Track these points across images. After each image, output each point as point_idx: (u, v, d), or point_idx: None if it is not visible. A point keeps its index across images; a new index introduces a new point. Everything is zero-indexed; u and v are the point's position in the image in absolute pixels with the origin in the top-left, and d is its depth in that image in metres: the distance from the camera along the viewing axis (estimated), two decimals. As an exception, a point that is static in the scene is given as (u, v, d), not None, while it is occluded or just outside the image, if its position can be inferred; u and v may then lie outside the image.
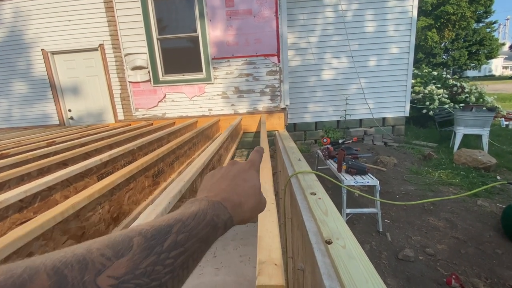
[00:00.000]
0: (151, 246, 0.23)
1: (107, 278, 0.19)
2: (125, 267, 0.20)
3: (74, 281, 0.17)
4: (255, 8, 4.15)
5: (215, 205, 0.33)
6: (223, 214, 0.33)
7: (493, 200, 3.24)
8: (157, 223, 0.25)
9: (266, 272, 0.55)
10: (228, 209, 0.34)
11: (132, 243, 0.22)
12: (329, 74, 5.50)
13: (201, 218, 0.29)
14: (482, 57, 26.14)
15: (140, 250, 0.22)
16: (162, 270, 0.22)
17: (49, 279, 0.17)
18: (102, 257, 0.20)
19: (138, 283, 0.20)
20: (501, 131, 6.69)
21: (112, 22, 4.37)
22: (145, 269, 0.21)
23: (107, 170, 1.91)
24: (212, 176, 0.41)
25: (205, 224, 0.29)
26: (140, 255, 0.21)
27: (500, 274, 2.10)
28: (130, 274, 0.20)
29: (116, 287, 0.19)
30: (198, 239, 0.27)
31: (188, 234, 0.26)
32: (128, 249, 0.21)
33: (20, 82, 4.80)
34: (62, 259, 0.18)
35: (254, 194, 0.39)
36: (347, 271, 0.66)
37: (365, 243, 2.56)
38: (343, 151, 2.96)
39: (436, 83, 7.48)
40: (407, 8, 5.16)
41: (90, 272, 0.18)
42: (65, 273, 0.17)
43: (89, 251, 0.20)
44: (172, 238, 0.24)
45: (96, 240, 0.21)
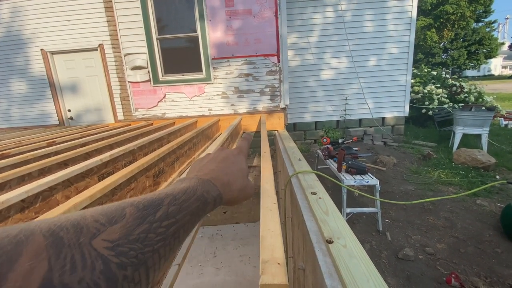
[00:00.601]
0: (144, 215, 0.23)
1: (102, 241, 0.19)
2: (119, 232, 0.21)
3: (70, 242, 0.18)
4: (255, 8, 4.15)
5: (205, 183, 0.34)
6: (213, 191, 0.34)
7: (492, 200, 3.25)
8: (149, 196, 0.26)
9: (269, 271, 0.56)
10: (217, 187, 0.35)
11: (125, 212, 0.23)
12: (328, 74, 5.51)
13: (191, 193, 0.30)
14: (481, 57, 26.18)
15: (133, 218, 0.22)
16: (155, 238, 0.23)
17: (45, 239, 0.17)
18: (96, 222, 0.20)
19: (132, 247, 0.21)
20: (500, 131, 6.71)
21: (112, 22, 4.37)
22: (138, 235, 0.22)
23: (107, 170, 1.91)
24: (201, 160, 0.42)
25: (195, 199, 0.30)
26: (133, 223, 0.22)
27: (500, 272, 2.11)
28: (124, 239, 0.21)
29: (112, 249, 0.19)
30: (188, 212, 0.28)
31: (179, 207, 0.27)
32: (121, 217, 0.22)
33: (20, 82, 4.80)
34: (57, 223, 0.19)
35: (242, 177, 0.40)
36: (348, 270, 0.67)
37: (365, 243, 2.57)
38: (343, 150, 2.97)
39: (436, 83, 7.49)
40: (407, 8, 5.17)
41: (85, 235, 0.19)
42: (61, 235, 0.18)
43: (83, 217, 0.20)
44: (163, 209, 0.25)
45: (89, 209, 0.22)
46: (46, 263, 0.16)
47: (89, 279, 0.17)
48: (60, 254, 0.17)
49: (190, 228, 0.29)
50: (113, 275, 0.18)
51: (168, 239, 0.24)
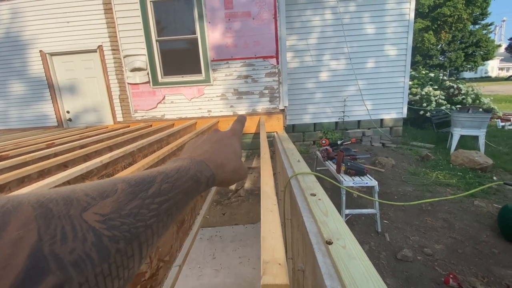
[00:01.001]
0: (136, 191, 0.23)
1: (93, 214, 0.19)
2: (110, 207, 0.20)
3: (60, 214, 0.17)
4: (254, 10, 4.17)
5: (198, 163, 0.34)
6: (206, 171, 0.34)
7: (490, 201, 3.28)
8: (141, 174, 0.26)
9: (270, 272, 0.56)
10: (211, 167, 0.35)
11: (116, 187, 0.22)
12: (327, 76, 5.54)
13: (184, 173, 0.30)
14: (479, 59, 26.38)
15: (125, 194, 0.22)
16: (147, 214, 0.23)
17: (34, 210, 0.16)
18: (87, 196, 0.20)
19: (124, 222, 0.20)
20: (498, 132, 6.75)
21: (111, 23, 4.38)
22: (130, 210, 0.22)
23: (107, 172, 1.91)
24: (195, 141, 0.42)
25: (188, 178, 0.30)
26: (125, 198, 0.22)
27: (497, 273, 2.12)
28: (115, 213, 0.20)
29: (103, 222, 0.19)
30: (181, 190, 0.28)
31: (172, 185, 0.27)
32: (112, 192, 0.22)
33: (18, 83, 4.79)
34: (46, 195, 0.18)
35: (236, 159, 0.40)
36: (348, 271, 0.67)
37: (364, 244, 2.58)
38: (341, 152, 2.98)
39: (433, 85, 7.54)
40: (404, 10, 5.22)
41: (75, 208, 0.18)
42: (50, 206, 0.17)
43: (73, 191, 0.20)
44: (156, 186, 0.25)
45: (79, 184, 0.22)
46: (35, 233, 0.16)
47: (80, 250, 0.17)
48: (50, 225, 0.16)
49: (183, 206, 0.29)
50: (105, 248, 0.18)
51: (161, 215, 0.24)
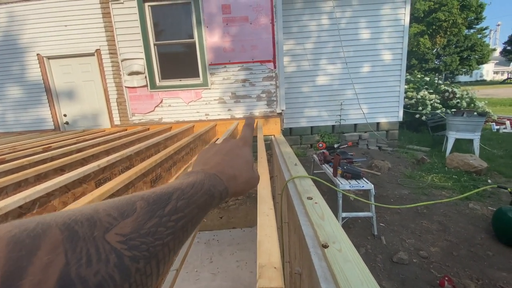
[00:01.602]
0: (153, 209, 0.24)
1: (115, 235, 0.20)
2: (131, 226, 0.21)
3: (85, 236, 0.18)
4: (252, 15, 4.22)
5: (211, 177, 0.34)
6: (219, 185, 0.34)
7: (484, 203, 3.31)
8: (158, 190, 0.27)
9: (266, 276, 0.58)
10: (223, 181, 0.35)
11: (135, 206, 0.23)
12: (324, 80, 5.59)
13: (198, 188, 0.30)
14: (474, 63, 26.74)
15: (144, 212, 0.23)
16: (165, 232, 0.24)
17: (61, 233, 0.17)
18: (109, 216, 0.21)
19: (143, 241, 0.21)
20: (492, 136, 6.83)
21: (109, 27, 4.39)
22: (149, 229, 0.22)
23: (104, 176, 1.91)
24: (207, 152, 0.42)
25: (203, 193, 0.31)
26: (144, 217, 0.23)
27: (491, 275, 2.15)
28: (135, 233, 0.21)
29: (124, 243, 0.20)
30: (196, 206, 0.29)
31: (187, 201, 0.28)
32: (132, 211, 0.22)
33: (15, 87, 4.77)
34: (72, 216, 0.19)
35: (247, 169, 0.41)
36: (343, 274, 0.69)
37: (360, 247, 2.59)
38: (338, 155, 3.01)
39: (429, 89, 7.63)
40: (399, 16, 5.30)
41: (98, 229, 0.19)
42: (76, 228, 0.18)
43: (96, 211, 0.21)
44: (172, 204, 0.26)
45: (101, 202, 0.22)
46: (63, 257, 0.17)
47: (104, 272, 0.18)
48: (76, 248, 0.17)
49: (197, 222, 0.29)
50: (126, 268, 0.19)
51: (177, 232, 0.25)
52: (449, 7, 21.92)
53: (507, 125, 7.56)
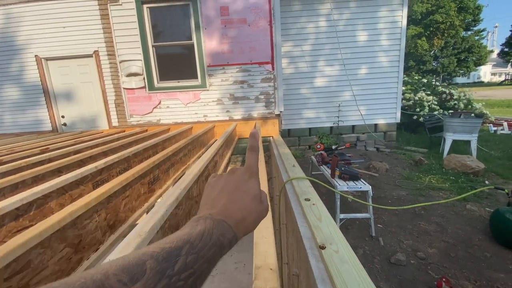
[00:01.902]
0: (163, 269, 0.24)
1: None
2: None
3: None
4: (250, 17, 4.23)
5: (219, 224, 0.33)
6: (228, 233, 0.33)
7: (482, 204, 3.33)
8: (167, 246, 0.27)
9: (262, 277, 0.58)
10: (232, 227, 0.35)
11: (145, 267, 0.23)
12: (322, 82, 5.61)
13: (207, 239, 0.30)
14: (471, 64, 26.92)
15: (153, 274, 0.23)
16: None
17: None
18: (119, 283, 0.21)
19: None
20: (489, 137, 6.87)
21: (108, 29, 4.39)
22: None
23: (102, 177, 1.91)
24: (213, 189, 0.41)
25: (212, 244, 0.30)
26: (154, 279, 0.23)
27: (489, 276, 2.16)
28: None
29: None
30: (205, 260, 0.28)
31: (197, 255, 0.27)
32: (142, 273, 0.22)
33: (13, 88, 4.76)
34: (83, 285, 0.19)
35: (255, 207, 0.39)
36: (340, 276, 0.69)
37: (358, 248, 2.60)
38: (336, 157, 3.02)
39: (426, 90, 7.67)
40: (397, 18, 5.33)
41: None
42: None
43: (107, 277, 0.21)
44: (182, 260, 0.26)
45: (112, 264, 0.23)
46: None
47: None
48: None
49: (206, 276, 0.29)
50: None
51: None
52: (446, 9, 22.09)
53: (504, 127, 7.60)
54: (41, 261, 0.95)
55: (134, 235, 0.84)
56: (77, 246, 1.15)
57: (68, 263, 1.09)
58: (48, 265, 0.98)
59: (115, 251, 0.78)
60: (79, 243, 1.17)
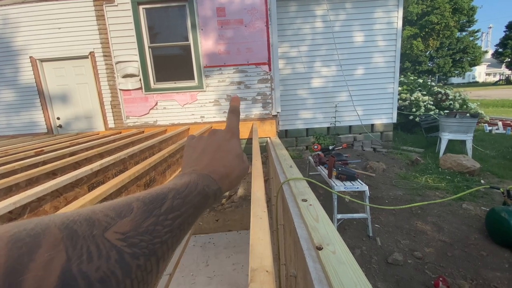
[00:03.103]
0: (150, 209, 0.25)
1: (114, 233, 0.20)
2: (129, 225, 0.22)
3: (85, 234, 0.19)
4: (246, 18, 4.23)
5: (204, 177, 0.35)
6: (213, 185, 0.35)
7: (478, 204, 3.35)
8: (153, 191, 0.27)
9: (258, 279, 0.57)
10: (216, 180, 0.36)
11: (132, 206, 0.24)
12: (319, 82, 5.62)
13: (193, 188, 0.31)
14: (466, 65, 27.22)
15: (140, 212, 0.24)
16: (162, 230, 0.24)
17: (60, 232, 0.18)
18: (106, 217, 0.21)
19: (142, 239, 0.22)
20: (485, 136, 6.94)
21: (103, 30, 4.37)
22: (147, 228, 0.23)
23: (98, 179, 1.89)
24: (194, 149, 0.42)
25: (197, 193, 0.31)
26: (141, 216, 0.23)
27: (485, 275, 2.17)
28: (134, 231, 0.22)
29: (124, 240, 0.21)
30: (191, 205, 0.29)
31: (183, 200, 0.28)
32: (129, 211, 0.23)
33: (7, 90, 4.70)
34: (70, 217, 0.20)
35: (238, 164, 0.41)
36: (337, 276, 0.68)
37: (355, 248, 2.60)
38: (333, 157, 3.02)
39: (422, 90, 7.73)
40: (392, 19, 5.36)
41: (97, 228, 0.20)
42: (75, 228, 0.19)
43: (94, 212, 0.21)
44: (168, 203, 0.27)
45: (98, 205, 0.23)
46: (64, 254, 0.17)
47: (105, 268, 0.18)
48: (76, 245, 0.18)
49: (193, 221, 0.30)
50: (127, 264, 0.20)
51: (175, 230, 0.26)
52: (441, 10, 22.32)
53: (499, 126, 7.68)
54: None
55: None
56: (71, 249, 1.13)
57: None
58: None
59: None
60: (74, 247, 1.15)
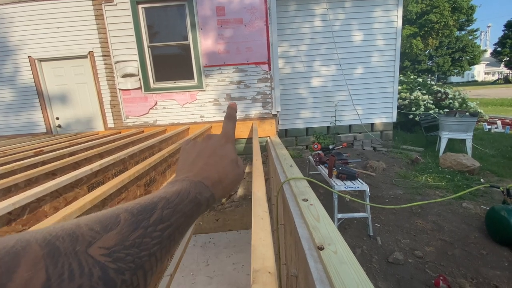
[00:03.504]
0: (138, 221, 0.24)
1: (98, 248, 0.20)
2: (114, 239, 0.21)
3: (67, 251, 0.18)
4: (246, 17, 4.22)
5: (197, 184, 0.34)
6: (205, 192, 0.34)
7: (477, 202, 3.35)
8: (142, 201, 0.26)
9: (260, 281, 0.57)
10: (209, 187, 0.35)
11: (119, 218, 0.23)
12: (318, 82, 5.61)
13: (184, 196, 0.30)
14: (465, 64, 27.24)
15: (128, 224, 0.23)
16: (150, 242, 0.23)
17: (41, 249, 0.17)
18: (91, 231, 0.20)
19: (128, 253, 0.21)
20: (484, 135, 6.94)
21: (102, 29, 4.35)
22: (134, 241, 0.22)
23: (97, 179, 1.88)
24: (188, 154, 0.41)
25: (189, 201, 0.30)
26: (128, 229, 0.22)
27: (485, 274, 2.17)
28: (119, 245, 0.21)
29: (108, 255, 0.20)
30: (182, 214, 0.28)
31: (173, 210, 0.27)
32: (115, 224, 0.22)
33: (6, 90, 4.68)
34: (52, 232, 0.19)
35: (233, 169, 0.40)
36: (339, 276, 0.68)
37: (356, 248, 2.60)
38: (333, 157, 3.02)
39: (421, 89, 7.73)
40: (392, 18, 5.36)
41: (81, 243, 0.19)
42: (57, 244, 0.18)
43: (78, 226, 0.20)
44: (157, 213, 0.26)
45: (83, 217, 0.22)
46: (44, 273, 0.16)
47: (87, 286, 0.17)
48: (57, 263, 0.17)
49: (185, 230, 0.29)
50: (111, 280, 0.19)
51: (164, 242, 0.25)
52: (440, 9, 22.33)
53: (498, 125, 7.69)
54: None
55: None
56: (71, 250, 1.13)
57: (62, 268, 1.07)
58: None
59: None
60: (74, 247, 1.14)
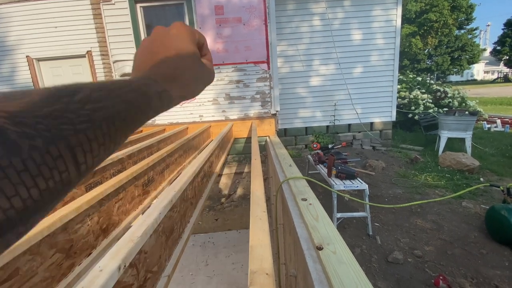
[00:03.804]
0: (57, 96, 0.21)
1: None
2: (19, 107, 0.18)
3: None
4: (245, 16, 4.21)
5: (142, 78, 0.31)
6: (155, 86, 0.30)
7: (477, 202, 3.35)
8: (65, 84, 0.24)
9: (257, 282, 0.56)
10: (159, 82, 0.31)
11: (30, 92, 0.20)
12: (317, 81, 5.61)
13: (123, 84, 0.27)
14: (464, 63, 27.25)
15: (41, 97, 0.20)
16: (76, 118, 0.21)
17: None
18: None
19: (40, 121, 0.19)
20: (484, 134, 6.94)
21: (101, 29, 4.33)
22: (50, 113, 0.20)
23: (95, 180, 1.87)
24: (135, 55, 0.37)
25: (131, 90, 0.27)
26: (41, 101, 0.20)
27: (485, 273, 2.16)
28: (27, 113, 0.18)
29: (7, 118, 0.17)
30: (122, 100, 0.26)
31: (107, 94, 0.25)
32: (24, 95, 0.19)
33: (3, 89, 4.67)
34: None
35: (192, 65, 0.35)
36: (338, 277, 0.67)
37: (355, 247, 2.59)
38: (332, 156, 3.01)
39: (421, 88, 7.72)
40: (391, 17, 5.35)
41: None
42: None
43: None
44: (84, 93, 0.23)
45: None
46: None
47: None
48: None
49: (131, 119, 0.27)
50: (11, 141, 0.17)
51: (98, 122, 0.23)
52: (440, 8, 22.33)
53: (498, 124, 7.70)
54: (30, 268, 0.92)
55: (126, 240, 0.81)
56: (68, 251, 1.12)
57: (58, 269, 1.06)
58: (38, 272, 0.95)
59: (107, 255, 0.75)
60: (70, 248, 1.13)
